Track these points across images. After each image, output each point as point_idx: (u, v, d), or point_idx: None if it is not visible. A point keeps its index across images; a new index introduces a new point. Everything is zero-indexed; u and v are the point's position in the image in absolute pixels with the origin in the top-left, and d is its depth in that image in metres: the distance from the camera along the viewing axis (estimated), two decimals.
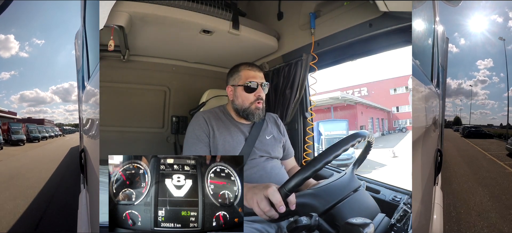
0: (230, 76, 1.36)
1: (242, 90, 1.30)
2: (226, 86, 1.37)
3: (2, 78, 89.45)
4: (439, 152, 1.67)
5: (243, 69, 1.33)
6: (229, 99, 1.37)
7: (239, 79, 1.32)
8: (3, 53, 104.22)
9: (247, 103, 1.30)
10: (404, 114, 28.20)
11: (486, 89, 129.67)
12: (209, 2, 1.60)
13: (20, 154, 12.57)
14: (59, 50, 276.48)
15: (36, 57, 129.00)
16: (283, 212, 0.85)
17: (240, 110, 1.32)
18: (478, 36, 47.82)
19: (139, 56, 2.02)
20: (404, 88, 28.19)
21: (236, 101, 1.33)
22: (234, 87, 1.33)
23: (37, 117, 36.98)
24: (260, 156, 1.32)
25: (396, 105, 28.95)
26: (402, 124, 28.25)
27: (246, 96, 1.30)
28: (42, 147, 17.52)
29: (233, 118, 1.36)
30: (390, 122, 28.46)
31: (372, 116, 24.16)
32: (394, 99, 29.11)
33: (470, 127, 26.66)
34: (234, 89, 1.33)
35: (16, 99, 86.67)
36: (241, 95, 1.31)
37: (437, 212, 1.70)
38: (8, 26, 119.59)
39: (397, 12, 1.29)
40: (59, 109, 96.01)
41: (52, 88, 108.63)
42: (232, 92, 1.34)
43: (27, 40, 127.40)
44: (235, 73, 1.34)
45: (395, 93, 29.09)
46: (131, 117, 2.07)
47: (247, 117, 1.31)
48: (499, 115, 64.56)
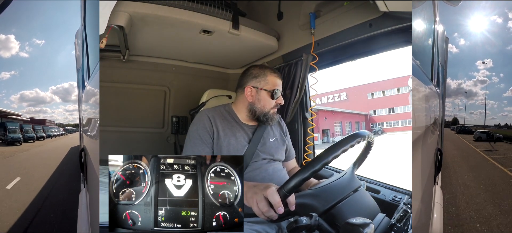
0: (253, 78, 1.32)
1: (267, 95, 1.29)
2: (245, 86, 1.32)
3: (2, 78, 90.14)
4: (439, 151, 1.67)
5: (270, 75, 1.32)
6: (244, 99, 1.33)
7: (265, 83, 1.30)
8: (3, 53, 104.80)
9: (268, 108, 1.30)
10: (381, 117, 30.63)
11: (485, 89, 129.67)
12: (209, 2, 1.60)
13: (32, 150, 14.57)
14: (59, 51, 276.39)
15: (36, 57, 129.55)
16: (281, 213, 0.85)
17: (259, 114, 1.30)
18: (478, 36, 48.10)
19: (139, 56, 2.02)
20: (381, 93, 30.85)
21: (257, 104, 1.30)
22: (257, 90, 1.30)
23: (37, 116, 38.58)
24: (263, 159, 1.31)
25: (373, 109, 31.51)
26: (378, 126, 30.31)
27: (269, 102, 1.30)
28: (49, 143, 19.67)
29: (239, 119, 1.34)
30: (367, 125, 30.49)
31: (341, 120, 26.31)
32: (371, 103, 31.64)
33: (460, 126, 38.90)
34: (257, 92, 1.30)
35: (16, 99, 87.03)
36: (265, 99, 1.30)
37: (437, 212, 1.70)
38: (9, 26, 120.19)
39: (397, 12, 1.29)
40: (58, 109, 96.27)
41: (52, 88, 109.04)
42: (253, 94, 1.30)
43: (27, 40, 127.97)
44: (262, 76, 1.31)
45: (372, 98, 31.74)
46: (131, 117, 2.07)
47: (266, 121, 1.31)
48: (498, 115, 64.78)
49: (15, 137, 17.29)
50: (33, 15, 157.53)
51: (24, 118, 29.05)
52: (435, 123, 1.71)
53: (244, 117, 1.34)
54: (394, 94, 29.90)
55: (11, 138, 17.00)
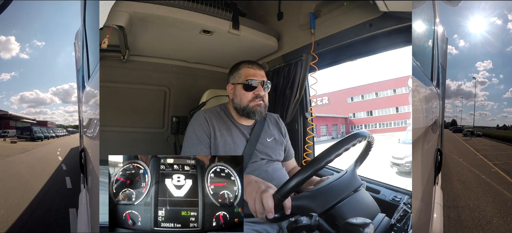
0: (231, 75, 1.35)
1: (241, 88, 1.28)
2: (227, 85, 1.35)
3: (3, 79, 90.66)
4: (439, 151, 1.67)
5: (243, 67, 1.31)
6: (229, 98, 1.36)
7: (239, 77, 1.30)
8: (3, 55, 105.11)
9: (245, 102, 1.27)
10: (360, 120, 33.27)
11: (485, 90, 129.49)
12: (209, 2, 1.60)
13: (51, 143, 20.57)
14: (59, 52, 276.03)
15: (36, 58, 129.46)
16: (270, 219, 0.83)
17: (239, 109, 1.29)
18: (478, 37, 48.33)
19: (139, 56, 2.02)
20: (360, 97, 33.50)
21: (235, 100, 1.31)
22: (234, 85, 1.31)
23: (38, 118, 41.08)
24: (262, 159, 1.30)
25: (353, 112, 34.21)
26: (358, 128, 32.43)
27: (245, 95, 1.27)
28: (59, 140, 24.70)
29: (234, 118, 1.34)
30: (347, 127, 32.90)
31: (326, 123, 29.11)
32: (351, 107, 34.47)
33: (455, 127, 48.16)
34: (234, 88, 1.31)
35: (16, 100, 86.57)
36: (240, 93, 1.28)
37: (437, 212, 1.70)
38: (9, 28, 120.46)
39: (397, 12, 1.29)
40: (58, 110, 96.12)
41: (52, 89, 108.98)
42: (232, 91, 1.32)
43: (27, 41, 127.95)
44: (236, 71, 1.33)
45: (352, 102, 34.56)
46: (131, 117, 2.07)
47: (248, 115, 1.28)
48: (498, 116, 64.69)
49: (38, 136, 24.07)
50: (33, 16, 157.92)
51: (31, 121, 34.62)
52: (435, 123, 1.71)
53: (236, 115, 1.34)
54: (372, 98, 32.50)
55: (37, 137, 23.66)
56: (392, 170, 8.83)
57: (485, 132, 35.83)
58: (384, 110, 31.14)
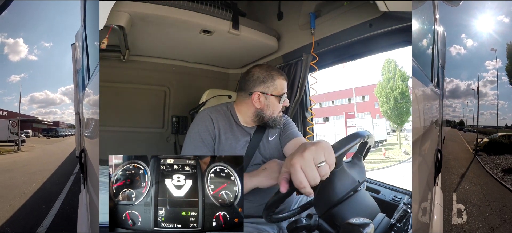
0: (261, 83, 1.22)
1: (276, 100, 1.22)
2: (252, 91, 1.22)
3: (12, 81, 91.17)
4: (439, 151, 1.67)
5: (278, 78, 1.24)
6: (250, 104, 1.24)
7: (274, 88, 1.22)
8: (12, 57, 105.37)
9: (276, 114, 1.24)
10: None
11: (495, 89, 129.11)
12: (209, 2, 1.60)
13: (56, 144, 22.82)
14: (66, 52, 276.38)
15: (45, 59, 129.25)
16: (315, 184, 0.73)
17: (268, 119, 1.24)
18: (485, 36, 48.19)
19: (139, 56, 2.02)
20: (331, 102, 33.10)
21: (266, 111, 1.23)
22: (266, 96, 1.22)
23: (48, 118, 45.04)
24: (263, 160, 1.29)
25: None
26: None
27: (278, 107, 1.24)
28: (72, 139, 29.44)
29: (239, 121, 1.28)
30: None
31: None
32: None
33: (462, 126, 51.50)
34: (266, 98, 1.22)
35: (25, 101, 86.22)
36: (274, 105, 1.23)
37: (437, 212, 1.70)
38: (17, 31, 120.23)
39: (397, 12, 1.29)
40: (68, 110, 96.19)
41: (61, 90, 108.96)
42: (261, 100, 1.22)
43: (35, 43, 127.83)
44: (270, 80, 1.22)
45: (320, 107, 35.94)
46: (131, 117, 2.07)
47: (274, 125, 1.25)
48: (509, 115, 64.05)
49: (61, 134, 30.47)
50: (40, 18, 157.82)
51: (49, 123, 39.66)
52: (435, 123, 1.71)
53: (247, 120, 1.27)
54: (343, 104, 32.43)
55: (60, 134, 30.04)
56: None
57: (484, 130, 36.30)
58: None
